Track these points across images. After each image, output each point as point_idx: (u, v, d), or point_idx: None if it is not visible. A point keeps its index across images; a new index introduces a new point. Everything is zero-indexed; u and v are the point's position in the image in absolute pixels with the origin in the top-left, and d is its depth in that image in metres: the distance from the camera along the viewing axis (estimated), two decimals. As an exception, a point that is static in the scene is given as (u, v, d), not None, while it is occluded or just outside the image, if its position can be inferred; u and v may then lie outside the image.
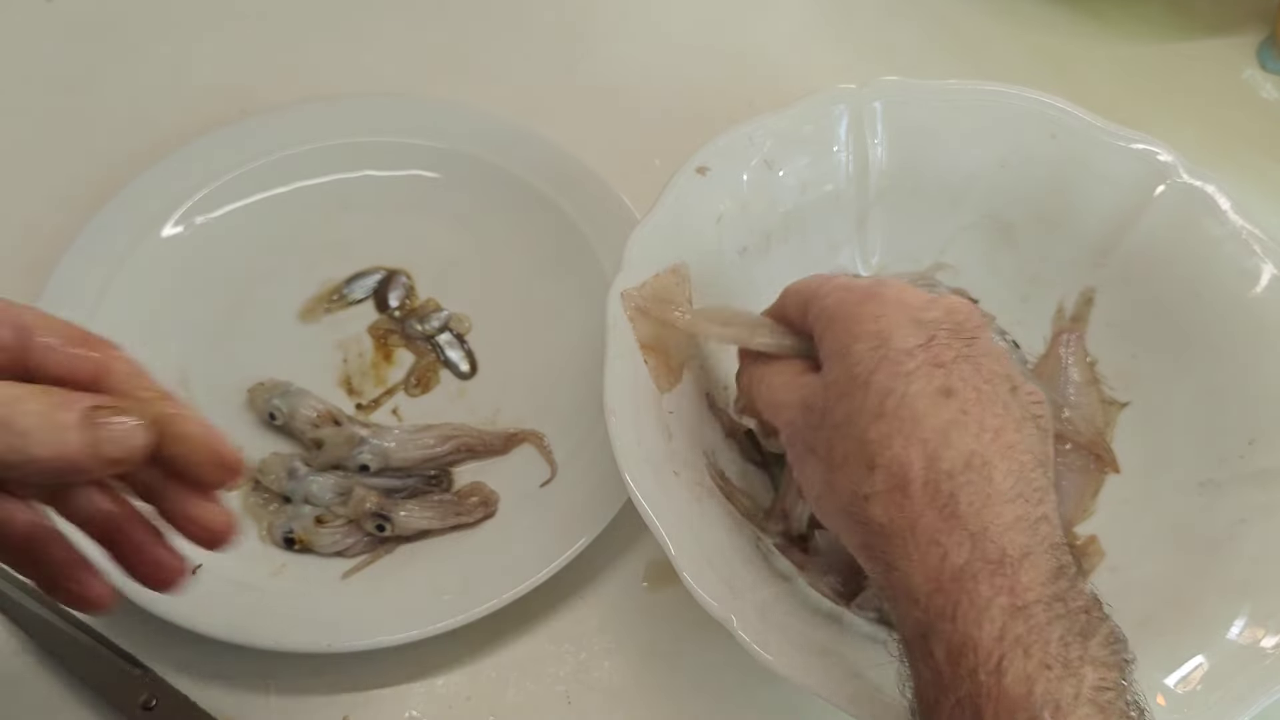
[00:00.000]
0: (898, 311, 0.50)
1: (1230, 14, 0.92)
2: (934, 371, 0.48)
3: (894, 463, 0.47)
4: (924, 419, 0.47)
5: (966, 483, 0.46)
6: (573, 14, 0.91)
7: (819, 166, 0.68)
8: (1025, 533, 0.46)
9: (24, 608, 0.62)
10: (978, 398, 0.48)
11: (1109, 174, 0.67)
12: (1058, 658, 0.43)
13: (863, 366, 0.49)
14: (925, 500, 0.46)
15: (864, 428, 0.48)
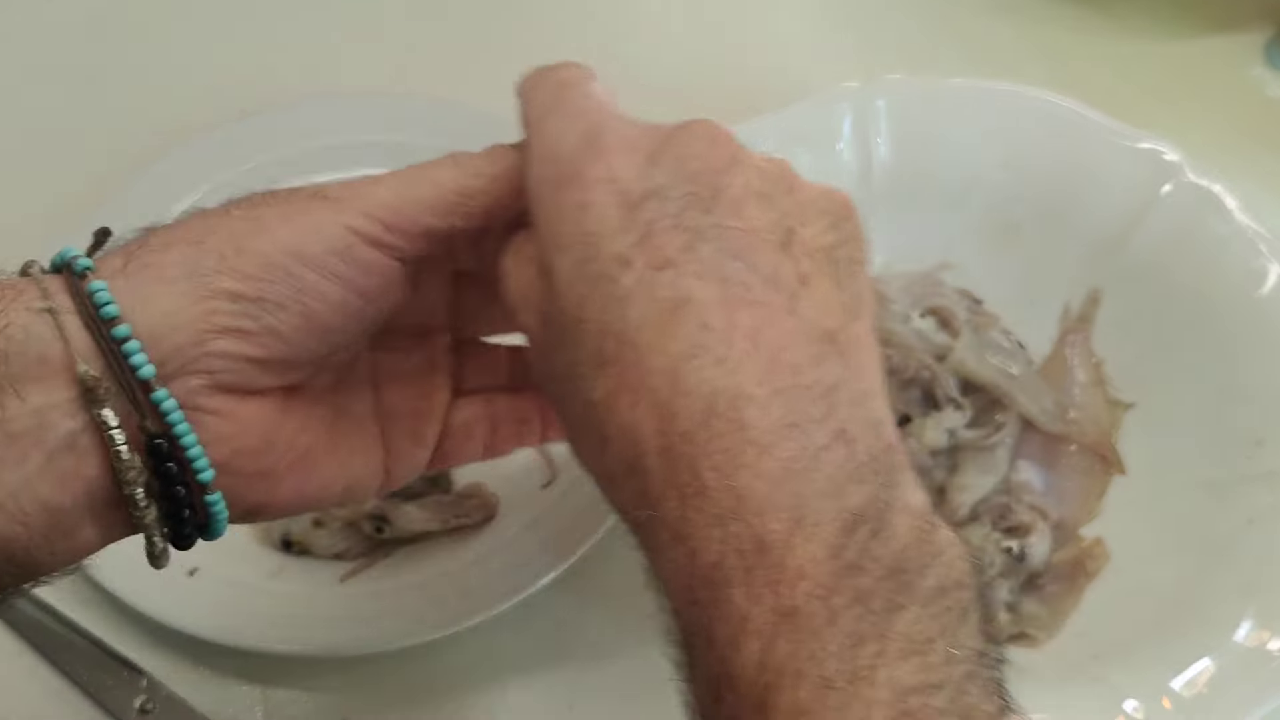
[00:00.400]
0: (605, 197, 0.38)
1: (1237, 11, 0.92)
2: (657, 279, 0.36)
3: (624, 433, 0.36)
4: (650, 360, 0.35)
5: (710, 441, 0.34)
6: (573, 13, 0.91)
7: (822, 165, 0.67)
8: (796, 485, 0.34)
9: (20, 611, 0.62)
10: (722, 293, 0.36)
11: (1115, 173, 0.67)
12: (842, 673, 0.32)
13: (573, 294, 0.37)
14: (665, 480, 0.35)
15: (590, 385, 0.37)
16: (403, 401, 0.47)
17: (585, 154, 0.39)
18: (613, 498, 0.39)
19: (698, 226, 0.37)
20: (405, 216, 0.41)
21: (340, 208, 0.40)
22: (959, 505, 0.64)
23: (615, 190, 0.38)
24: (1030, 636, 0.60)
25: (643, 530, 0.37)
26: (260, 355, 0.39)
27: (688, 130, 0.40)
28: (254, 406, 0.40)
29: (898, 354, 0.66)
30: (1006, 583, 0.61)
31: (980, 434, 0.65)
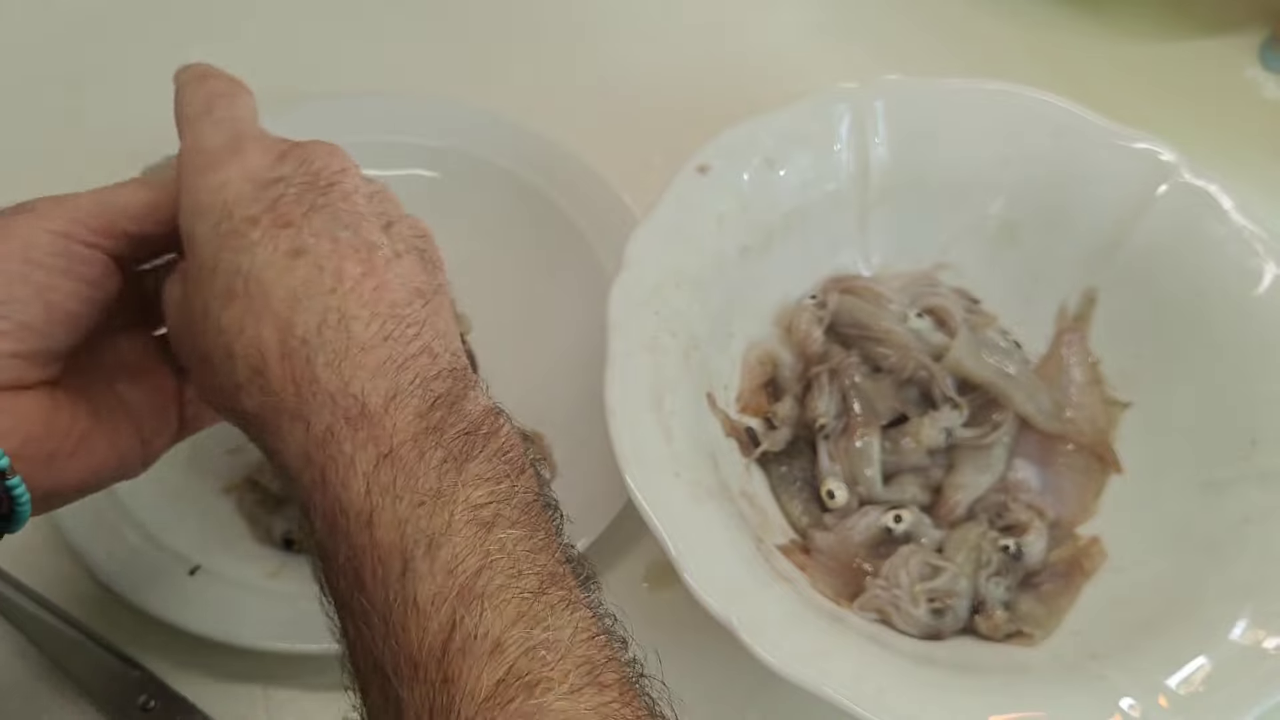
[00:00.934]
0: (241, 177, 0.47)
1: (1232, 13, 0.92)
2: (280, 234, 0.45)
3: (250, 346, 0.44)
4: (273, 289, 0.44)
5: (322, 344, 0.43)
6: (573, 13, 0.91)
7: (820, 166, 0.68)
8: (392, 375, 0.43)
9: (22, 609, 0.62)
10: (334, 248, 0.45)
11: (1111, 173, 0.67)
12: (429, 492, 0.41)
13: (209, 249, 0.46)
14: (284, 376, 0.43)
15: (218, 316, 0.45)
16: (140, 389, 0.54)
17: (227, 150, 0.48)
18: (232, 402, 0.45)
19: (315, 203, 0.46)
20: (105, 220, 0.49)
21: (48, 217, 0.48)
22: (956, 504, 0.64)
23: (249, 174, 0.47)
24: (1027, 635, 0.60)
25: (262, 419, 0.44)
26: (21, 349, 0.47)
27: (312, 143, 0.49)
28: (29, 399, 0.47)
29: (895, 353, 0.66)
30: (1003, 581, 0.61)
31: (977, 433, 0.65)
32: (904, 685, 0.54)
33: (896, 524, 0.62)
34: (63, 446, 0.48)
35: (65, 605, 0.63)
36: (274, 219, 0.45)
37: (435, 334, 0.46)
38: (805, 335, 0.67)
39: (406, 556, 0.40)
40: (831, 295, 0.68)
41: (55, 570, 0.64)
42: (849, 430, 0.65)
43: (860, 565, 0.62)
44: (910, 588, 0.60)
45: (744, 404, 0.67)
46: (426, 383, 0.44)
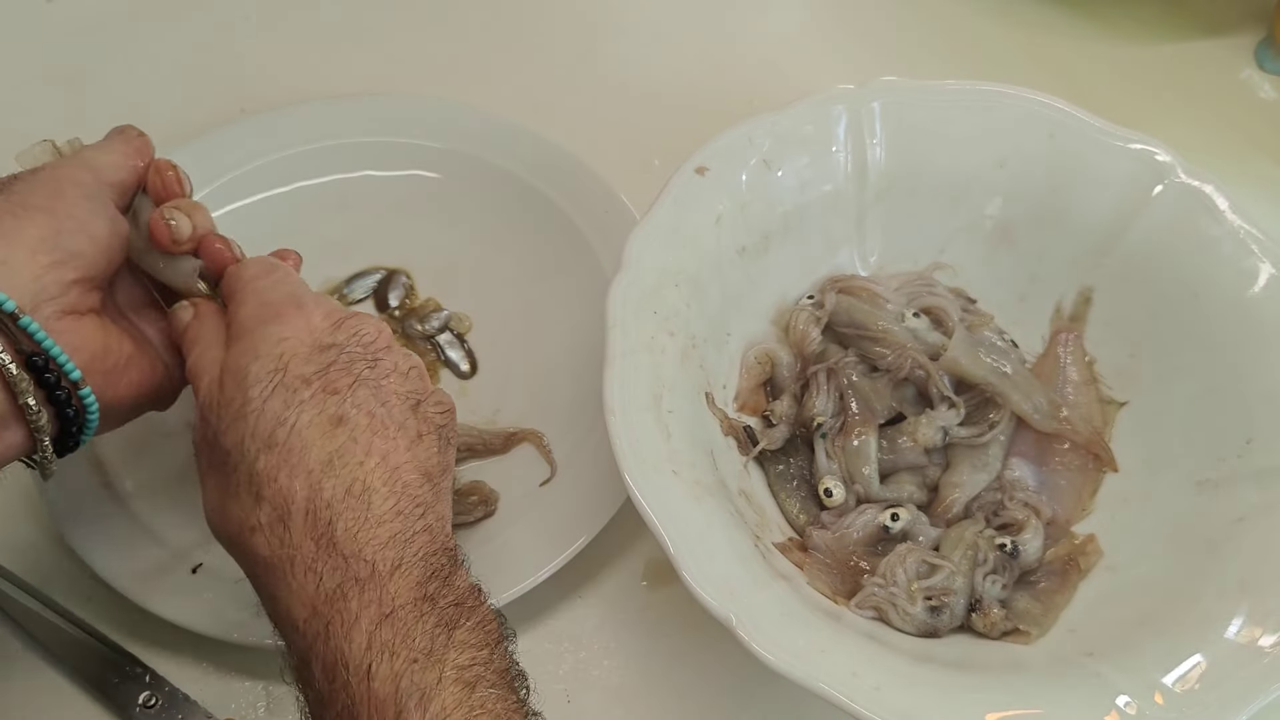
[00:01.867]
0: (302, 335, 0.52)
1: (1227, 15, 0.92)
2: (327, 400, 0.51)
3: (279, 495, 0.49)
4: (311, 449, 0.49)
5: (345, 509, 0.49)
6: (573, 14, 0.91)
7: (818, 166, 0.68)
8: (399, 548, 0.49)
9: (24, 607, 0.63)
10: (370, 423, 0.51)
11: (1107, 174, 0.67)
12: (422, 651, 0.46)
13: (258, 390, 0.50)
14: (305, 530, 0.48)
15: (254, 457, 0.49)
16: (153, 325, 0.59)
17: (290, 305, 0.53)
18: (242, 537, 0.50)
19: (361, 375, 0.52)
20: (99, 171, 0.56)
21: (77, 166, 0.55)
22: (953, 502, 0.64)
23: (309, 334, 0.52)
24: (1023, 632, 0.60)
25: (270, 565, 0.49)
26: (79, 277, 0.52)
27: (364, 316, 0.54)
28: (89, 323, 0.53)
29: (892, 352, 0.66)
30: (1000, 579, 0.61)
31: (974, 432, 0.66)
32: (901, 683, 0.54)
33: (893, 522, 0.62)
34: (117, 364, 0.54)
35: (67, 603, 0.63)
36: (324, 384, 0.51)
37: (436, 516, 0.51)
38: (803, 335, 0.68)
39: (400, 707, 0.45)
40: (829, 295, 0.68)
41: (57, 568, 0.64)
42: (846, 429, 0.65)
43: (857, 563, 0.62)
44: (907, 585, 0.60)
45: (742, 403, 0.67)
46: (426, 557, 0.49)
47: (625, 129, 0.83)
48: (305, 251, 0.75)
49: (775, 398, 0.67)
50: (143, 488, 0.65)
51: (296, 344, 0.51)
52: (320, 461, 0.49)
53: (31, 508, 0.66)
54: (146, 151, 0.58)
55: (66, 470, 0.64)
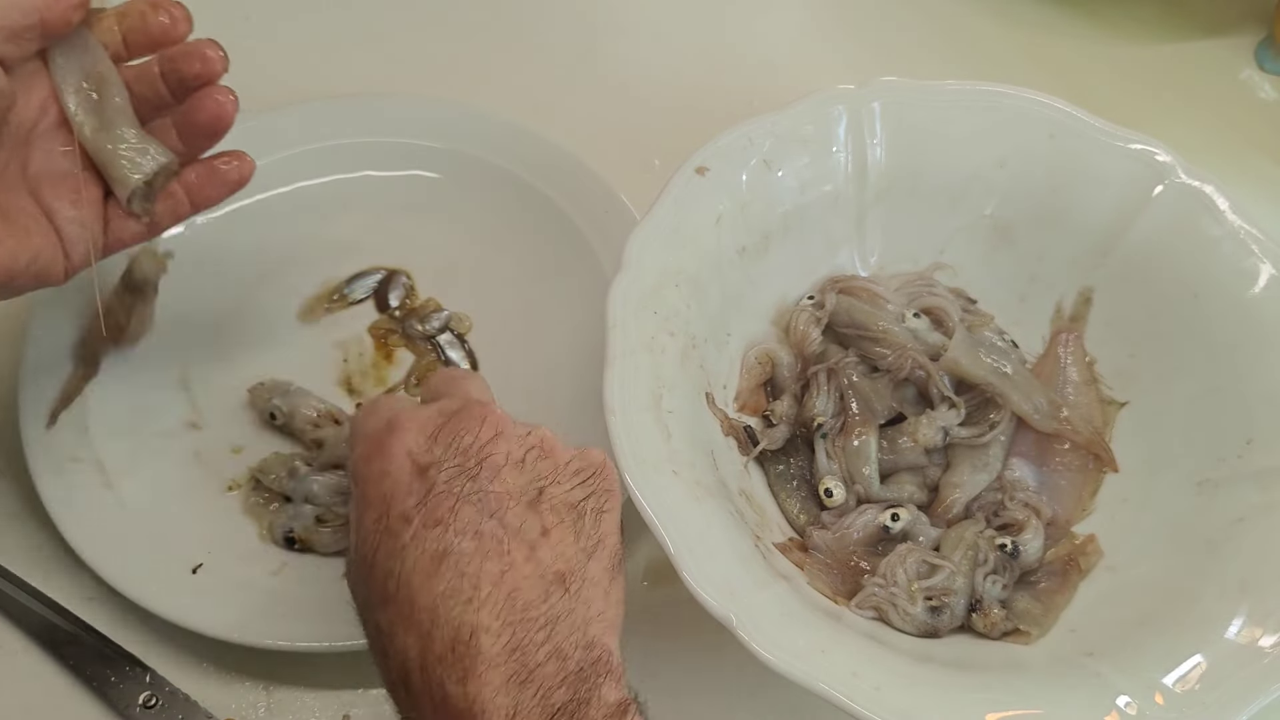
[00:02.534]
0: (401, 464, 0.48)
1: (1227, 15, 0.92)
2: (428, 535, 0.47)
3: (399, 654, 0.46)
4: (418, 599, 0.46)
5: (455, 662, 0.45)
6: (573, 14, 0.91)
7: (818, 167, 0.68)
8: (514, 691, 0.45)
9: (24, 607, 0.63)
10: (477, 546, 0.47)
11: (1107, 174, 0.67)
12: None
13: (369, 545, 0.48)
14: (423, 692, 0.46)
15: (375, 615, 0.48)
16: (58, 197, 0.57)
17: (386, 431, 0.50)
18: (393, 697, 0.48)
19: (463, 492, 0.48)
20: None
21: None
22: (953, 502, 0.65)
23: (407, 459, 0.49)
24: (1023, 632, 0.60)
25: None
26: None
27: (464, 412, 0.50)
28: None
29: (892, 353, 0.66)
30: (1000, 579, 0.61)
31: (974, 432, 0.66)
32: (901, 683, 0.54)
33: (894, 522, 0.62)
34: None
35: (67, 603, 0.63)
36: (424, 518, 0.47)
37: (571, 629, 0.47)
38: (803, 335, 0.68)
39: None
40: (829, 295, 0.68)
41: (57, 568, 0.64)
42: (846, 429, 0.65)
43: (858, 563, 0.62)
44: (907, 586, 0.60)
45: (742, 403, 0.67)
46: (549, 693, 0.45)
47: (625, 129, 0.83)
48: (305, 251, 0.75)
49: (775, 398, 0.67)
50: (143, 488, 0.65)
51: (397, 477, 0.48)
52: (426, 611, 0.46)
53: (31, 508, 0.66)
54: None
55: (67, 470, 0.64)
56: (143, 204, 0.59)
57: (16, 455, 0.65)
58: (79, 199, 0.57)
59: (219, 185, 0.61)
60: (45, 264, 0.56)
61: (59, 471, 0.64)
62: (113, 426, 0.67)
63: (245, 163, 0.61)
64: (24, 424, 0.65)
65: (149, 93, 0.59)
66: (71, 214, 0.57)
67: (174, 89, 0.59)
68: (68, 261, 0.57)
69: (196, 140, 0.59)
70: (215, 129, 0.59)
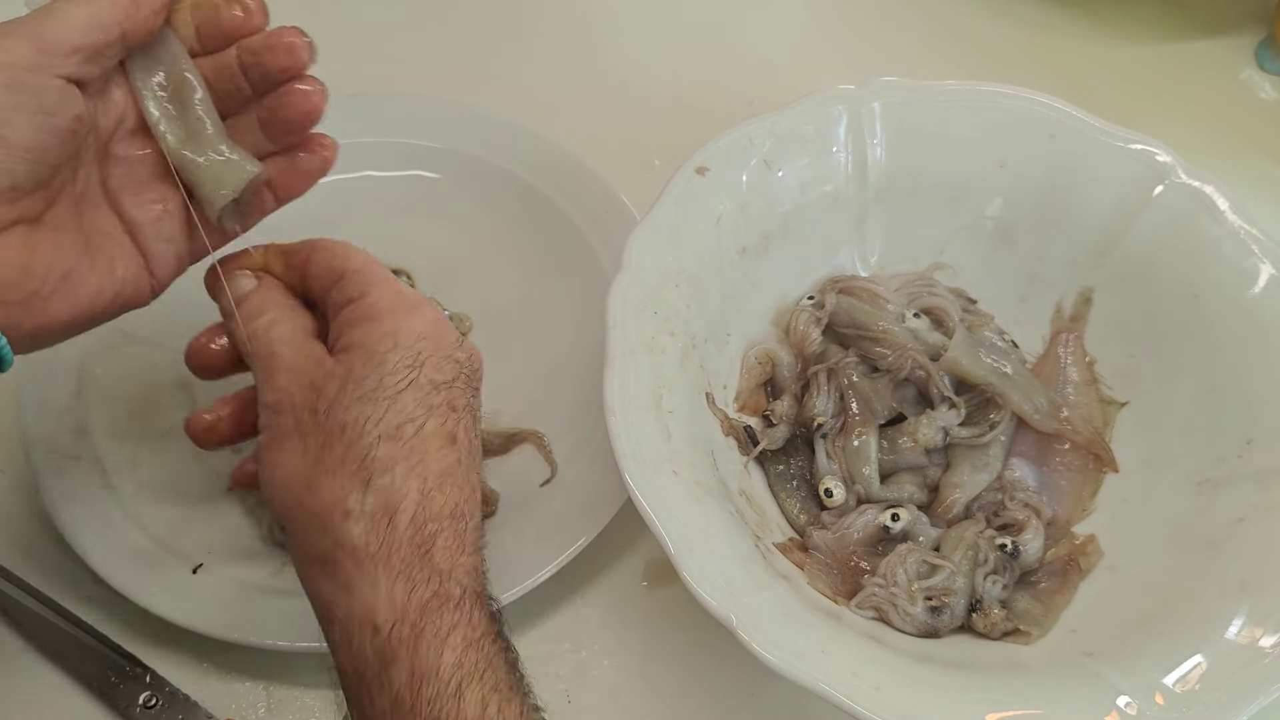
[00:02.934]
0: (439, 339, 0.51)
1: (1227, 15, 0.92)
2: (449, 415, 0.50)
3: (391, 489, 0.48)
4: (430, 460, 0.49)
5: (448, 528, 0.48)
6: (574, 15, 0.91)
7: (818, 167, 0.68)
8: (481, 580, 0.49)
9: (24, 607, 0.63)
10: (469, 451, 0.51)
11: (1107, 174, 0.68)
12: (504, 682, 0.47)
13: (394, 379, 0.49)
14: (409, 535, 0.47)
15: (372, 442, 0.48)
16: (141, 209, 0.53)
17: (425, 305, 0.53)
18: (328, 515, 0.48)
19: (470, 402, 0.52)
20: (49, 42, 0.48)
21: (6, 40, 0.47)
22: (953, 502, 0.65)
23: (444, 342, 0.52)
24: (1024, 633, 0.60)
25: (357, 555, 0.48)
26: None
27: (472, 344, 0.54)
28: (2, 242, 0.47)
29: (892, 353, 0.66)
30: (1000, 579, 0.61)
31: (974, 432, 0.66)
32: (901, 683, 0.54)
33: (894, 522, 0.62)
34: (44, 287, 0.49)
35: (67, 603, 0.63)
36: (449, 398, 0.50)
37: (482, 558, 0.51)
38: (803, 335, 0.68)
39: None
40: (829, 295, 0.68)
41: (57, 568, 0.64)
42: (846, 429, 0.65)
43: (858, 563, 0.62)
44: (908, 586, 0.60)
45: (742, 403, 0.67)
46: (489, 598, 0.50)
47: (625, 129, 0.83)
48: (305, 252, 0.75)
49: (775, 398, 0.67)
50: (143, 488, 0.65)
51: (433, 347, 0.51)
52: (436, 473, 0.49)
53: (31, 508, 0.66)
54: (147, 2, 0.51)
55: (67, 470, 0.64)
56: (233, 219, 0.56)
57: (16, 455, 0.65)
58: (163, 213, 0.54)
59: (303, 177, 0.58)
60: (132, 293, 0.54)
61: (59, 471, 0.64)
62: (113, 426, 0.67)
63: (328, 147, 0.58)
64: (24, 424, 0.65)
65: (229, 87, 0.54)
66: (155, 230, 0.54)
67: (256, 83, 0.55)
68: (153, 280, 0.55)
69: (283, 137, 0.56)
70: (304, 125, 0.56)
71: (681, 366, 0.62)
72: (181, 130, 0.53)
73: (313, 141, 0.57)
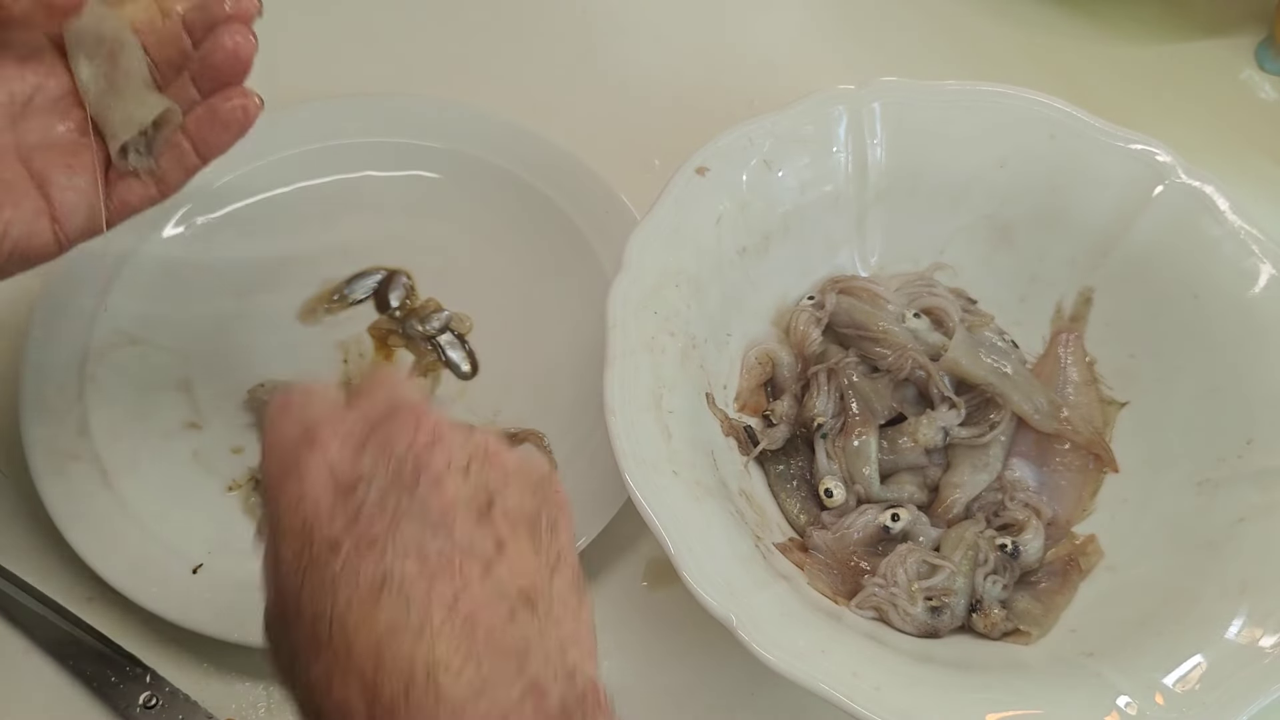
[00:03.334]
0: (322, 481, 0.41)
1: (1227, 15, 0.92)
2: (363, 561, 0.39)
3: (337, 711, 0.38)
4: (355, 640, 0.38)
5: (409, 711, 0.37)
6: (573, 14, 0.91)
7: (818, 167, 0.68)
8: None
9: (24, 607, 0.63)
10: (421, 569, 0.39)
11: (1107, 174, 0.67)
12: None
13: (292, 582, 0.40)
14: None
15: (306, 668, 0.39)
16: (52, 165, 0.52)
17: (303, 445, 0.42)
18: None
19: (401, 506, 0.40)
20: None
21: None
22: (953, 502, 0.65)
23: (329, 478, 0.41)
24: (1024, 632, 0.60)
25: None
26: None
27: (394, 416, 0.43)
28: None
29: (892, 353, 0.66)
30: (1000, 579, 0.61)
31: (974, 432, 0.66)
32: (901, 683, 0.54)
33: (894, 522, 0.62)
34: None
35: (67, 604, 0.63)
36: (356, 541, 0.39)
37: (544, 656, 0.39)
38: (803, 335, 0.68)
39: None
40: (829, 295, 0.68)
41: (57, 569, 0.64)
42: (846, 429, 0.65)
43: (858, 563, 0.62)
44: (908, 586, 0.60)
45: (742, 403, 0.67)
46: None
47: (625, 129, 0.83)
48: (305, 252, 0.75)
49: (776, 398, 0.67)
50: (143, 488, 0.65)
51: (317, 497, 0.41)
52: (368, 655, 0.38)
53: (31, 508, 0.66)
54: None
55: (67, 470, 0.64)
56: (141, 159, 0.54)
57: (16, 455, 0.65)
58: (74, 163, 0.52)
59: (222, 129, 0.54)
60: (24, 235, 0.51)
61: (59, 471, 0.64)
62: (113, 426, 0.67)
63: (250, 100, 0.55)
64: (24, 424, 0.65)
65: (173, 54, 0.54)
66: (66, 181, 0.52)
67: (198, 39, 0.54)
68: (59, 229, 0.52)
69: (212, 87, 0.54)
70: (233, 72, 0.54)
71: (681, 366, 0.62)
72: (105, 84, 0.53)
73: (235, 91, 0.54)
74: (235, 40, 0.53)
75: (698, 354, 0.63)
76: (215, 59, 0.54)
